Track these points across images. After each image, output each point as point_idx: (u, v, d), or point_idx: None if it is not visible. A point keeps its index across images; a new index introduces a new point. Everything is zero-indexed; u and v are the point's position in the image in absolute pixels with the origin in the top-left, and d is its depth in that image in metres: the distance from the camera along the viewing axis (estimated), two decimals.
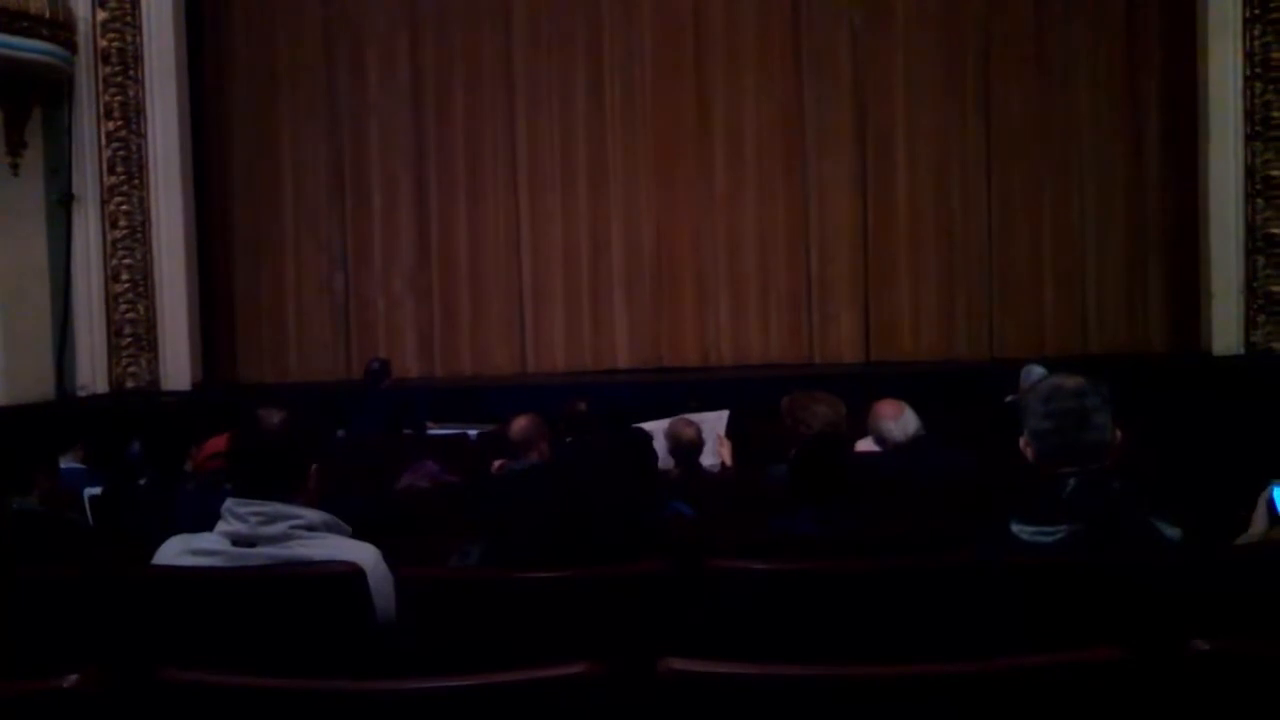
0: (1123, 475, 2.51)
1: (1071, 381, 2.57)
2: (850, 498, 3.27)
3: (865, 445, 4.91)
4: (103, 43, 9.54)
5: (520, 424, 5.13)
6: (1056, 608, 2.33)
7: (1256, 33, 9.17)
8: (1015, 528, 2.48)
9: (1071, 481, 2.45)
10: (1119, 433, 2.53)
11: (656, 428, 6.04)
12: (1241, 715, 1.72)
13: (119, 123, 9.62)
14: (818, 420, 4.55)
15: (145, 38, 9.65)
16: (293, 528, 2.64)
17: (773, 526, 3.38)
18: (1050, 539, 2.43)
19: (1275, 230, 9.26)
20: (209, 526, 2.72)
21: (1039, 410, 2.53)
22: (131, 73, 9.64)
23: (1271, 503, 2.83)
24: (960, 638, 2.31)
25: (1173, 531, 2.50)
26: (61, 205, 9.46)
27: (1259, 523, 2.87)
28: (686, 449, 5.82)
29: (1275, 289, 9.28)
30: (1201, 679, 1.72)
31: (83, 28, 9.35)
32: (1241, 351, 9.33)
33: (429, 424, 8.87)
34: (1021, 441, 2.58)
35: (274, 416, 2.76)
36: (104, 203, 9.61)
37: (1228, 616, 2.27)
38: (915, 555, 2.74)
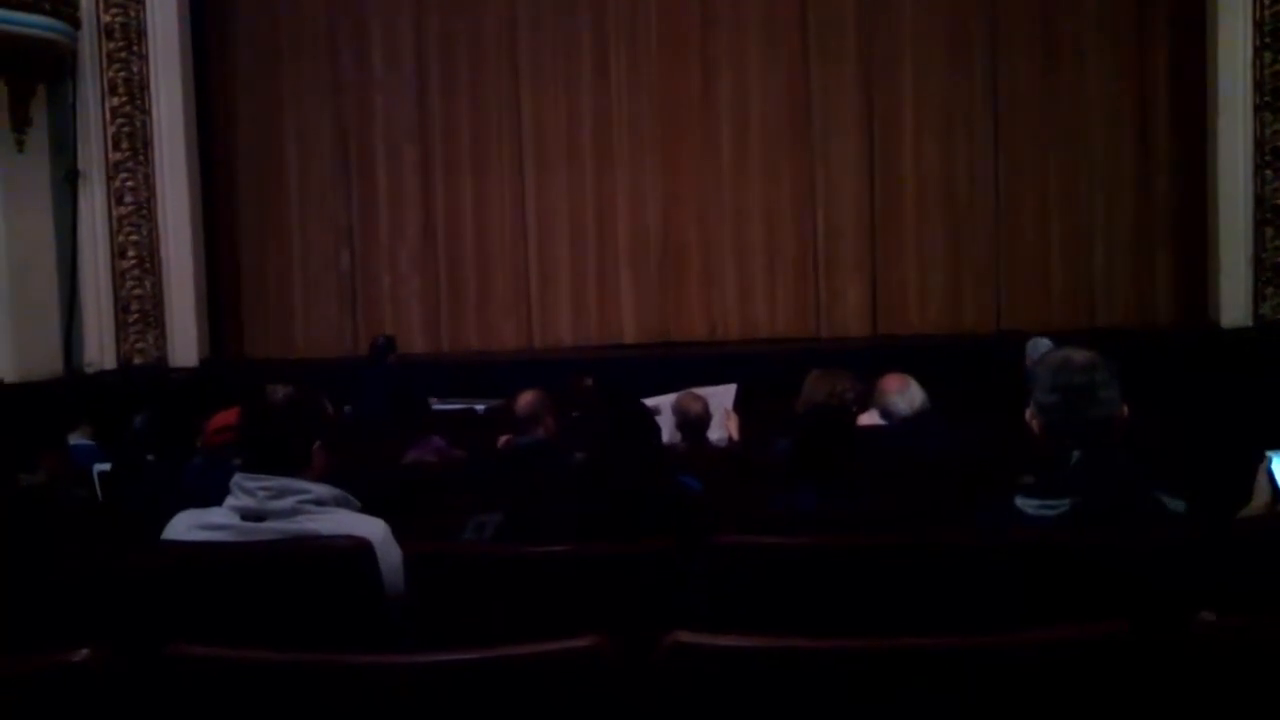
0: (1127, 448, 2.50)
1: (1080, 355, 2.55)
2: (853, 473, 3.27)
3: (870, 419, 4.92)
4: (106, 18, 9.50)
5: (526, 399, 5.12)
6: (1061, 582, 2.33)
7: (1267, 2, 9.10)
8: (1020, 501, 2.48)
9: (1077, 455, 2.44)
10: (1126, 408, 2.51)
11: (664, 402, 6.05)
12: (1248, 688, 1.72)
13: (123, 98, 9.61)
14: (818, 394, 4.57)
15: (149, 13, 9.62)
16: (301, 502, 2.65)
17: (777, 502, 3.38)
18: (1054, 513, 2.43)
19: None
20: (217, 501, 2.73)
21: (1047, 383, 2.51)
22: (135, 48, 9.62)
23: (1270, 474, 2.82)
24: (965, 612, 2.31)
25: (1176, 504, 2.49)
26: (67, 182, 9.46)
27: (1261, 494, 2.87)
28: (694, 424, 5.83)
29: None
30: (1208, 652, 1.72)
31: (85, 3, 9.32)
32: (1250, 324, 9.30)
33: (434, 400, 8.88)
34: (1028, 414, 2.57)
35: (282, 392, 2.77)
36: (109, 179, 9.60)
37: (1231, 590, 2.27)
38: (919, 530, 2.74)
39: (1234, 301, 9.39)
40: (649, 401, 6.41)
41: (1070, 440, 2.46)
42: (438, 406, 8.76)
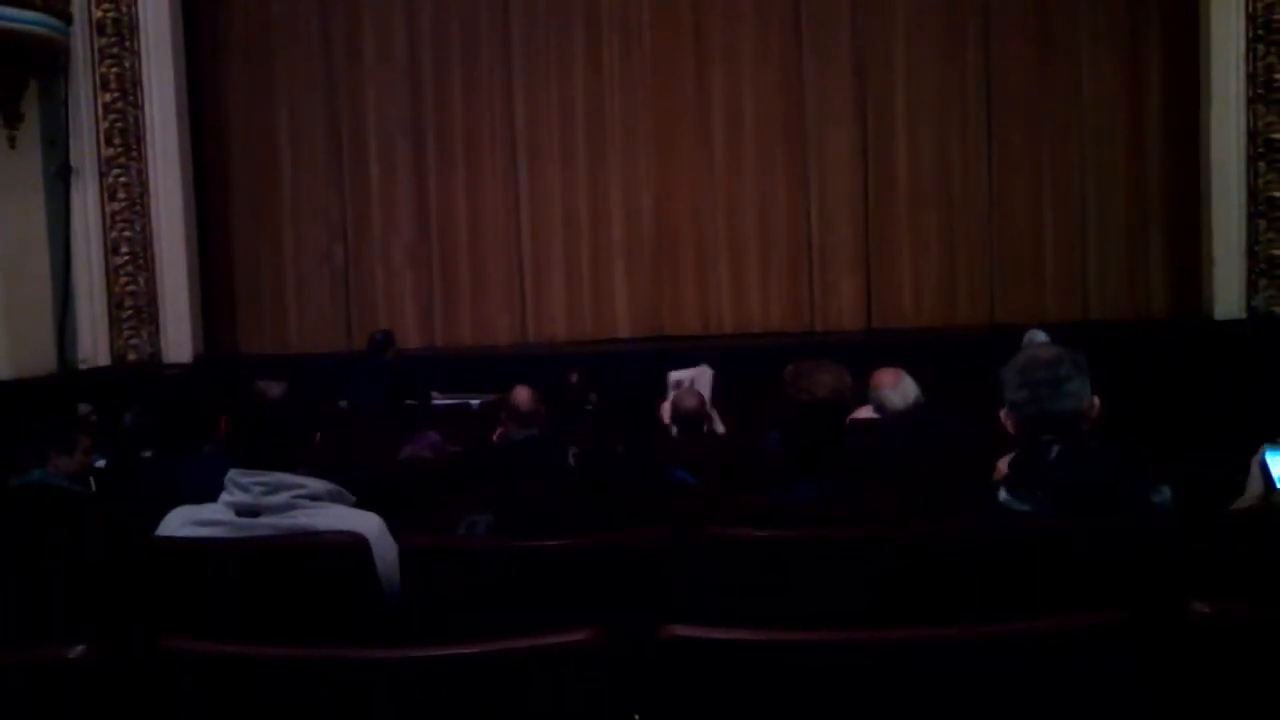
0: (1106, 440, 2.54)
1: (1046, 352, 2.63)
2: (847, 467, 3.27)
3: (864, 413, 4.91)
4: (98, 13, 9.49)
5: (525, 395, 5.13)
6: (1053, 573, 2.34)
7: None
8: (1003, 496, 2.52)
9: (1055, 449, 2.47)
10: (1096, 400, 2.56)
11: (687, 375, 6.11)
12: (1241, 678, 1.73)
13: (116, 94, 9.59)
14: (821, 389, 4.54)
15: (141, 8, 9.61)
16: (296, 497, 2.64)
17: (773, 495, 3.38)
18: (1035, 506, 2.46)
19: (1277, 194, 9.23)
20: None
21: (1015, 381, 2.58)
22: (127, 44, 9.60)
23: (1264, 466, 2.83)
24: (959, 604, 2.32)
25: (1163, 492, 2.51)
26: (60, 178, 9.43)
27: (1254, 486, 2.89)
28: (689, 419, 5.83)
29: (1276, 253, 9.26)
30: (1202, 642, 1.73)
31: None
32: (1243, 315, 9.32)
33: (435, 394, 8.88)
34: (1002, 414, 2.63)
35: (275, 387, 2.76)
36: (102, 175, 9.59)
37: (1224, 581, 2.28)
38: (913, 524, 2.75)
39: (1227, 293, 9.42)
40: (676, 375, 6.48)
41: (1043, 434, 2.50)
42: (436, 401, 8.77)
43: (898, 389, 4.78)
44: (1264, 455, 2.82)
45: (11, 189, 9.11)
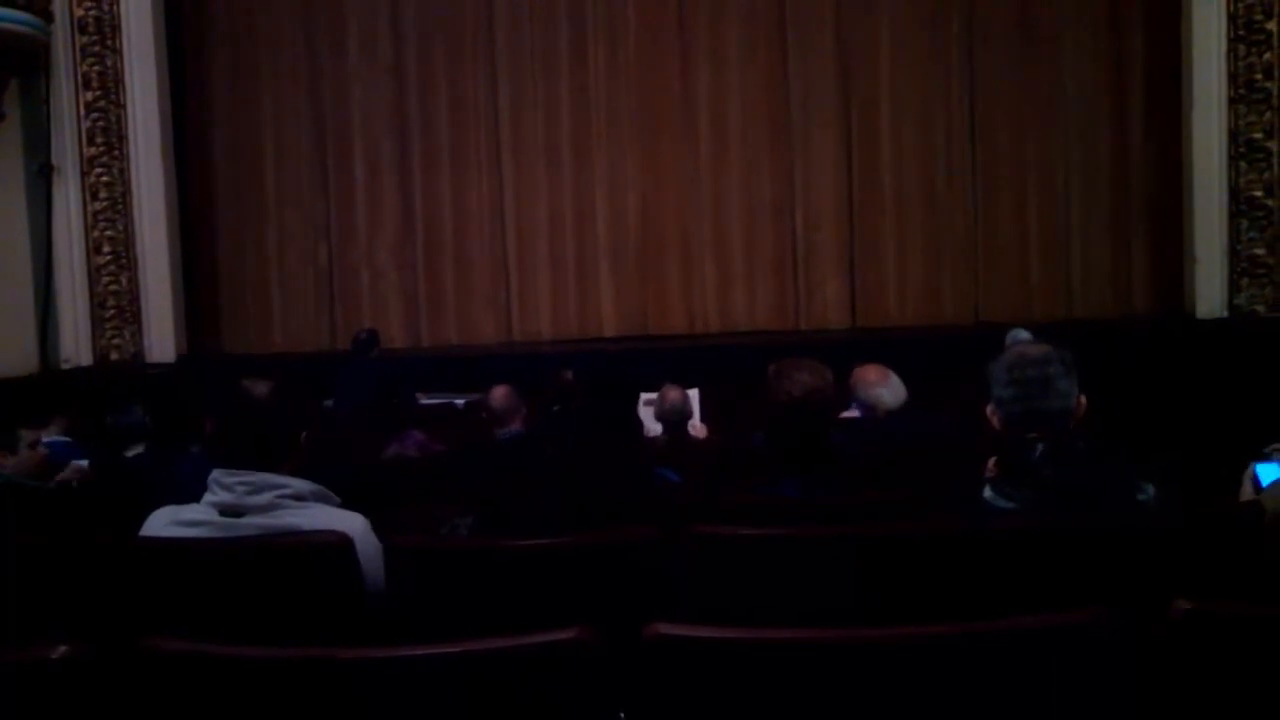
0: (1091, 438, 2.54)
1: (1034, 350, 2.62)
2: (832, 465, 3.27)
3: (849, 412, 4.91)
4: (79, 12, 9.44)
5: (500, 392, 5.14)
6: (1037, 571, 2.35)
7: None
8: (988, 494, 2.52)
9: (1040, 447, 2.48)
10: (1083, 399, 2.56)
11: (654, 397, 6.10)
12: (1223, 675, 1.74)
13: (97, 93, 9.54)
14: (798, 388, 4.55)
15: (122, 7, 9.56)
16: (280, 497, 2.63)
17: (757, 492, 3.38)
18: (1020, 504, 2.46)
19: (1258, 193, 9.28)
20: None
21: (1003, 378, 2.57)
22: (109, 42, 9.55)
23: (1255, 481, 2.82)
24: (946, 601, 2.32)
25: (1147, 490, 2.52)
26: (41, 177, 9.38)
27: (1246, 498, 2.88)
28: (673, 415, 5.84)
29: (1258, 252, 9.31)
30: (1184, 639, 1.73)
31: None
32: (1225, 314, 9.37)
33: (420, 394, 8.86)
34: (988, 409, 2.62)
35: (259, 386, 2.75)
36: (84, 174, 9.54)
37: (1207, 578, 2.30)
38: (897, 521, 2.76)
39: (1209, 292, 9.46)
40: (646, 395, 6.48)
41: (1030, 432, 2.50)
42: (422, 401, 8.76)
43: (883, 386, 4.78)
44: (1255, 470, 2.80)
45: None
